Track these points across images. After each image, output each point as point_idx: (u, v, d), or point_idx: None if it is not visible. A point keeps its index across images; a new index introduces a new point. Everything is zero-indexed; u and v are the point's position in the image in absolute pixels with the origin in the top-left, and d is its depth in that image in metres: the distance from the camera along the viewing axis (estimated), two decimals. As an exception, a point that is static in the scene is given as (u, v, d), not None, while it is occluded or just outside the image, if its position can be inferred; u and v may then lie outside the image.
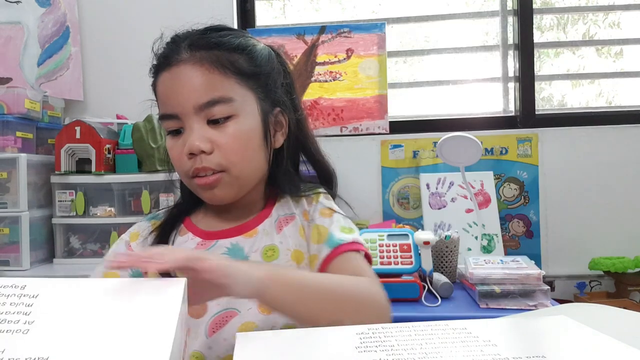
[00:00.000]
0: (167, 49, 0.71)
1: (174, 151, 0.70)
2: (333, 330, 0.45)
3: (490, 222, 1.69)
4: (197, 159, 0.67)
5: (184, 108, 0.67)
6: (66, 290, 0.39)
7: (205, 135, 0.67)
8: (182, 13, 1.82)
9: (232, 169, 0.68)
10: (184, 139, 0.68)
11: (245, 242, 0.72)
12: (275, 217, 0.75)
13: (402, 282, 1.20)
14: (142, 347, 0.32)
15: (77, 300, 0.37)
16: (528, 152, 1.82)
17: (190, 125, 0.67)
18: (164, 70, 0.69)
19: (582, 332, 0.43)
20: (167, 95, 0.69)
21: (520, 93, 1.89)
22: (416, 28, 2.02)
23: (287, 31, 1.91)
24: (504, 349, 0.38)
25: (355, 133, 1.90)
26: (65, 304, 0.36)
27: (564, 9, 1.98)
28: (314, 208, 0.75)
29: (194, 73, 0.67)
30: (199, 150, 0.66)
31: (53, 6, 1.93)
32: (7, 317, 0.34)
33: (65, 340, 0.32)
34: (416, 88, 2.03)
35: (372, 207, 1.86)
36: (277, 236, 0.73)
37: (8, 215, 1.54)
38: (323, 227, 0.72)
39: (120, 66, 1.92)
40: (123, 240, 0.76)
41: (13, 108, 1.60)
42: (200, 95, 0.66)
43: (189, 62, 0.67)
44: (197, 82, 0.67)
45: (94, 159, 1.58)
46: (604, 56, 1.99)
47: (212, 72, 0.67)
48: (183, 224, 0.76)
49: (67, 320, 0.35)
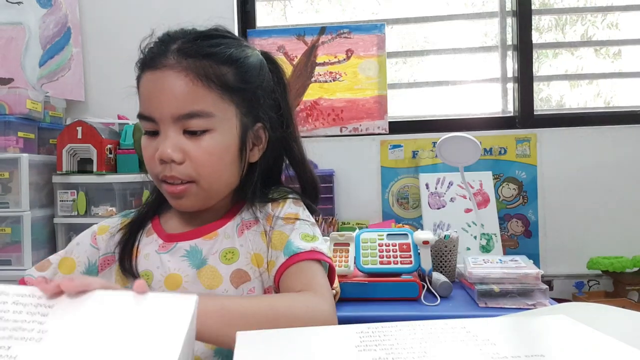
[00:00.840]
0: (155, 48, 0.70)
1: (147, 152, 0.70)
2: (333, 329, 0.45)
3: (489, 222, 1.70)
4: (167, 167, 0.67)
5: (162, 114, 0.66)
6: (81, 301, 0.39)
7: (178, 145, 0.66)
8: (182, 14, 1.83)
9: (201, 181, 0.68)
10: (157, 142, 0.67)
11: (204, 245, 0.72)
12: (238, 221, 0.74)
13: (401, 281, 1.20)
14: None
15: (89, 312, 0.38)
16: (527, 152, 1.83)
17: (166, 132, 0.66)
18: (149, 70, 0.68)
19: (580, 331, 0.43)
20: (148, 97, 0.68)
21: (519, 93, 1.90)
22: (416, 29, 2.03)
23: (287, 32, 1.92)
24: (503, 347, 0.38)
25: (355, 133, 1.91)
26: (78, 315, 0.37)
27: (563, 9, 1.99)
28: (279, 212, 0.74)
29: (177, 82, 0.65)
30: (170, 159, 0.66)
31: (54, 7, 1.94)
32: (23, 325, 0.34)
33: (75, 350, 0.33)
34: (415, 88, 2.04)
35: (371, 207, 1.87)
36: (238, 239, 0.72)
37: (10, 215, 1.55)
38: (283, 234, 0.71)
39: (121, 67, 1.91)
40: (91, 230, 0.77)
41: (15, 108, 1.60)
42: (179, 105, 0.65)
43: (174, 69, 0.66)
44: (179, 92, 0.65)
45: (95, 159, 1.59)
46: (602, 57, 2.00)
47: (195, 83, 0.66)
48: (152, 223, 0.76)
49: (78, 331, 0.35)
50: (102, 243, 0.75)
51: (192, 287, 0.69)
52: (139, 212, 0.78)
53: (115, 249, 0.74)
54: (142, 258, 0.73)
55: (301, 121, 1.92)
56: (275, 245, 0.70)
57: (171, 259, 0.72)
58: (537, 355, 0.37)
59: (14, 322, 0.35)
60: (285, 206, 0.74)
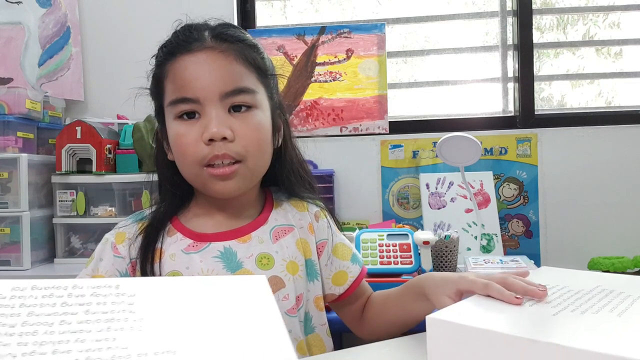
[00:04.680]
0: (187, 33, 0.70)
1: (188, 137, 0.67)
2: None
3: (489, 222, 1.69)
4: (217, 146, 0.66)
5: (209, 93, 0.66)
6: (159, 288, 0.39)
7: (226, 122, 0.66)
8: (182, 14, 1.82)
9: (249, 160, 0.68)
10: (200, 124, 0.66)
11: (239, 247, 0.72)
12: (271, 226, 0.75)
13: (401, 281, 1.19)
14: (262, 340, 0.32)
15: (174, 298, 0.37)
16: (527, 152, 1.83)
17: (211, 112, 0.66)
18: (184, 53, 0.68)
19: None
20: (189, 78, 0.67)
21: (520, 93, 1.90)
22: (416, 28, 2.03)
23: (287, 32, 1.91)
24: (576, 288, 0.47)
25: (355, 133, 1.90)
26: (164, 301, 0.37)
27: (564, 9, 1.98)
28: (326, 224, 0.79)
29: (221, 61, 0.67)
30: (221, 137, 0.65)
31: (54, 7, 1.93)
32: (114, 315, 0.34)
33: (182, 335, 0.32)
34: (416, 88, 2.03)
35: (372, 207, 1.87)
36: (273, 246, 0.73)
37: (9, 215, 1.55)
38: (345, 245, 0.80)
39: (120, 66, 1.92)
40: (109, 241, 0.74)
41: (14, 108, 1.60)
42: (226, 82, 0.67)
43: (215, 50, 0.68)
44: (225, 70, 0.67)
45: (94, 159, 1.59)
46: (603, 56, 1.99)
47: (238, 63, 0.68)
48: (171, 224, 0.75)
49: (173, 317, 0.35)
50: (125, 250, 0.73)
51: None
52: (158, 212, 0.75)
53: (138, 254, 0.72)
54: (167, 259, 0.71)
55: (301, 121, 1.91)
56: (343, 256, 0.79)
57: (203, 259, 0.70)
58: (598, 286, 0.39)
59: (103, 314, 0.34)
60: (328, 216, 0.81)
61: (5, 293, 0.34)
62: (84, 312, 0.33)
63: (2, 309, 0.32)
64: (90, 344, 0.30)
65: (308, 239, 0.77)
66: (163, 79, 0.71)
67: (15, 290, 0.34)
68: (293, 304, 0.72)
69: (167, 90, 0.70)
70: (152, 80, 0.74)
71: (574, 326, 0.36)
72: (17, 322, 0.31)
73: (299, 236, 0.76)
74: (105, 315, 0.33)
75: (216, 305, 0.37)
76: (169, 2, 1.92)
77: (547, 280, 0.51)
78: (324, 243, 0.79)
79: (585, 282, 0.48)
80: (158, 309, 0.35)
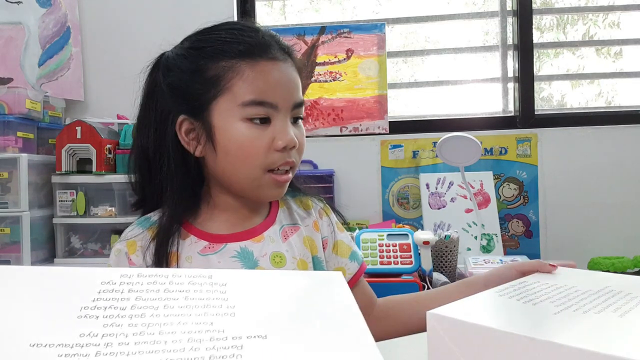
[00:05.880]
0: (260, 40, 0.70)
1: (261, 141, 0.68)
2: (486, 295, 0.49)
3: (489, 222, 1.69)
4: (286, 154, 0.69)
5: (286, 102, 0.69)
6: (249, 280, 0.42)
7: (294, 133, 0.70)
8: (182, 14, 1.82)
9: (296, 167, 0.73)
10: (272, 131, 0.68)
11: (254, 247, 0.73)
12: (279, 225, 0.77)
13: (401, 281, 1.20)
14: (347, 334, 0.35)
15: (262, 289, 0.40)
16: (527, 152, 1.83)
17: (282, 119, 0.69)
18: (265, 58, 0.69)
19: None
20: (272, 84, 0.69)
21: (520, 93, 1.90)
22: (416, 28, 2.03)
23: (287, 32, 1.91)
24: (586, 287, 0.46)
25: (355, 133, 1.90)
26: (254, 291, 0.39)
27: (564, 9, 1.98)
28: (328, 221, 0.81)
29: (294, 73, 0.72)
30: (294, 146, 0.69)
31: (54, 7, 1.93)
32: (210, 302, 0.37)
33: (272, 322, 0.35)
34: (416, 88, 2.03)
35: (372, 207, 1.87)
36: (283, 244, 0.75)
37: (9, 215, 1.55)
38: (344, 243, 0.81)
39: (120, 66, 1.92)
40: (122, 252, 0.72)
41: (14, 108, 1.60)
42: (298, 95, 0.72)
43: (287, 62, 0.72)
44: (297, 83, 0.72)
45: (94, 159, 1.59)
46: (603, 56, 1.99)
47: (299, 76, 0.74)
48: (182, 226, 0.73)
49: (262, 305, 0.38)
50: (139, 260, 0.71)
51: None
52: (168, 216, 0.72)
53: (153, 260, 0.70)
54: (183, 261, 0.71)
55: (301, 121, 1.91)
56: (342, 253, 0.80)
57: (221, 259, 0.71)
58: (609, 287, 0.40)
59: (200, 300, 0.37)
60: (331, 214, 0.82)
61: (115, 279, 0.38)
62: (183, 298, 0.37)
63: (113, 294, 0.36)
64: (191, 326, 0.33)
65: (314, 237, 0.79)
66: (229, 75, 0.68)
67: (123, 277, 0.38)
68: None
69: (235, 88, 0.68)
70: (199, 70, 0.69)
71: (573, 325, 0.37)
72: (127, 305, 0.35)
73: (305, 234, 0.78)
74: (202, 302, 0.37)
75: (301, 298, 0.40)
76: (169, 2, 1.92)
77: (557, 280, 0.51)
78: (326, 240, 0.81)
79: (595, 283, 0.49)
80: (248, 298, 0.38)
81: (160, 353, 0.30)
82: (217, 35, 0.71)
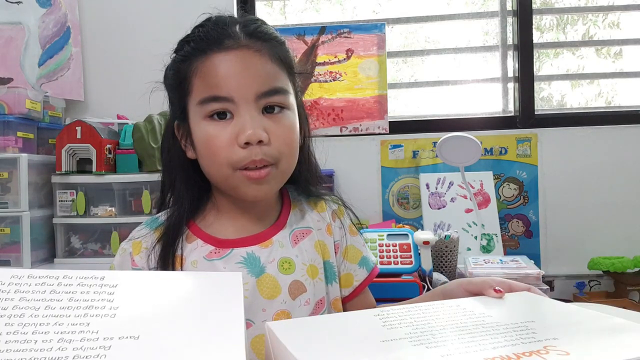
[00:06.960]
0: (218, 30, 0.67)
1: (221, 138, 0.64)
2: (354, 314, 0.49)
3: (489, 222, 1.69)
4: (254, 150, 0.63)
5: (244, 93, 0.64)
6: (141, 281, 0.43)
7: (262, 124, 0.64)
8: (182, 13, 1.82)
9: (282, 162, 0.67)
10: (234, 125, 0.64)
11: (262, 252, 0.70)
12: (290, 229, 0.74)
13: (401, 281, 1.20)
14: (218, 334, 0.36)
15: (152, 290, 0.41)
16: (527, 152, 1.83)
17: (245, 113, 0.64)
18: (216, 51, 0.65)
19: (557, 303, 0.49)
20: (223, 77, 0.64)
21: (520, 93, 1.90)
22: (416, 28, 2.03)
23: (287, 31, 1.91)
24: (499, 318, 0.44)
25: (355, 133, 1.90)
26: (143, 293, 0.40)
27: (564, 9, 1.98)
28: (340, 225, 0.78)
29: (257, 60, 0.65)
30: (258, 140, 0.63)
31: (54, 7, 1.93)
32: (94, 303, 0.37)
33: (149, 323, 0.36)
34: (416, 88, 2.03)
35: (372, 207, 1.87)
36: (293, 249, 0.72)
37: (9, 215, 1.55)
38: (355, 248, 0.78)
39: (120, 66, 1.92)
40: (127, 252, 0.71)
41: (14, 108, 1.60)
42: (263, 82, 0.65)
43: (250, 49, 0.65)
44: (261, 70, 0.65)
45: (94, 159, 1.59)
46: (603, 56, 1.99)
47: (272, 62, 0.66)
48: (189, 229, 0.72)
49: (147, 306, 0.38)
50: (143, 261, 0.70)
51: (251, 296, 0.67)
52: (174, 216, 0.72)
53: (158, 263, 0.70)
54: (189, 266, 0.69)
55: (301, 121, 1.91)
56: (352, 259, 0.77)
57: (226, 265, 0.69)
58: (529, 321, 0.42)
59: (84, 302, 0.37)
60: (343, 216, 0.79)
61: (5, 280, 0.38)
62: (67, 299, 0.37)
63: None
64: (67, 327, 0.34)
65: (326, 241, 0.76)
66: (190, 76, 0.67)
67: (13, 278, 0.39)
68: (313, 309, 0.71)
69: (194, 87, 0.67)
70: (174, 75, 0.70)
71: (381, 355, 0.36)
72: (8, 306, 0.36)
73: (317, 238, 0.74)
74: (86, 303, 0.37)
75: (187, 300, 0.40)
76: (169, 2, 1.92)
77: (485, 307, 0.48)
78: (338, 245, 0.78)
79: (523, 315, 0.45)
80: (134, 300, 0.39)
81: (27, 352, 0.31)
82: (186, 37, 0.71)
